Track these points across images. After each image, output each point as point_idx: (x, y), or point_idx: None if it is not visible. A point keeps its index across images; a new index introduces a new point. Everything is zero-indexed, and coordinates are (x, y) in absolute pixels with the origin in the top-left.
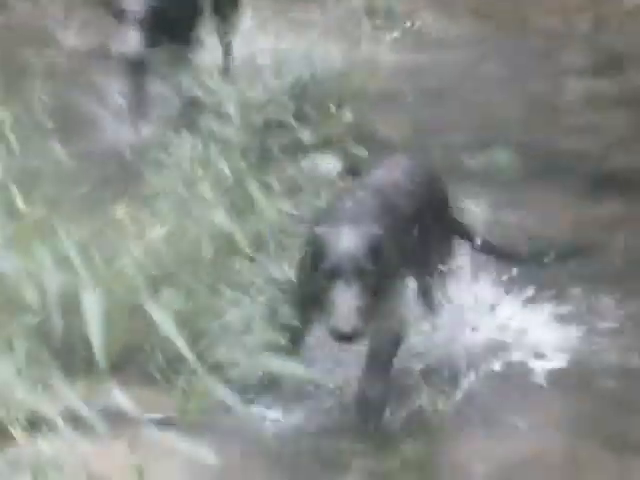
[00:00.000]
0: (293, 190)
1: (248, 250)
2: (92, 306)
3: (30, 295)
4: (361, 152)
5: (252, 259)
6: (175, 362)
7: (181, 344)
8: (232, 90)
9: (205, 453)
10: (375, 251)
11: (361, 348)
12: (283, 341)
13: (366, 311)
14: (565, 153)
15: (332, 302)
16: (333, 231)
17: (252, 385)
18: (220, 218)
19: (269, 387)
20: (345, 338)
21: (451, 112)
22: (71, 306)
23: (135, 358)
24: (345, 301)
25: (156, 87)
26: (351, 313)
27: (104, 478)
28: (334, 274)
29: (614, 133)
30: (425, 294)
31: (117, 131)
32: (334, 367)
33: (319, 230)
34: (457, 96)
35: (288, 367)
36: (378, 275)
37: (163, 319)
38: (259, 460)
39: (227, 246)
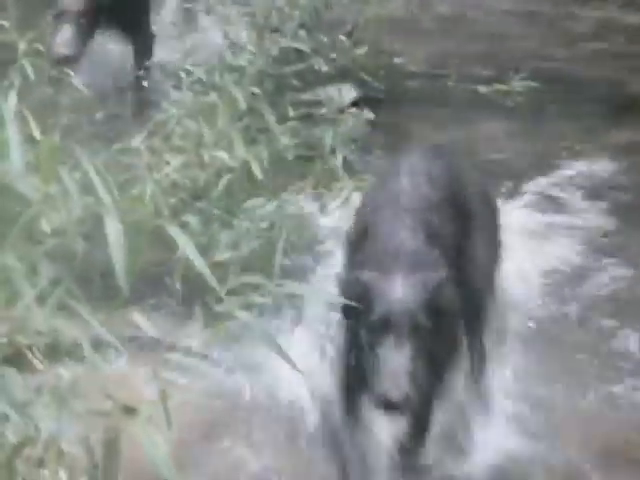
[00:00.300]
0: (308, 118)
1: (264, 179)
2: (114, 230)
3: (52, 220)
4: (376, 82)
5: (268, 187)
6: (196, 288)
7: (203, 268)
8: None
9: (227, 377)
10: (435, 302)
11: None
12: None
13: (419, 376)
14: (582, 81)
15: (380, 362)
16: (382, 275)
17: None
18: (236, 147)
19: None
20: (393, 408)
21: (466, 40)
22: (93, 232)
23: (156, 285)
24: (396, 363)
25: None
26: (402, 378)
27: (126, 404)
28: (383, 328)
29: (631, 61)
30: (476, 351)
31: (131, 60)
32: None
33: (364, 274)
34: (473, 24)
35: (308, 290)
36: (436, 332)
37: (185, 243)
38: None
39: (243, 174)
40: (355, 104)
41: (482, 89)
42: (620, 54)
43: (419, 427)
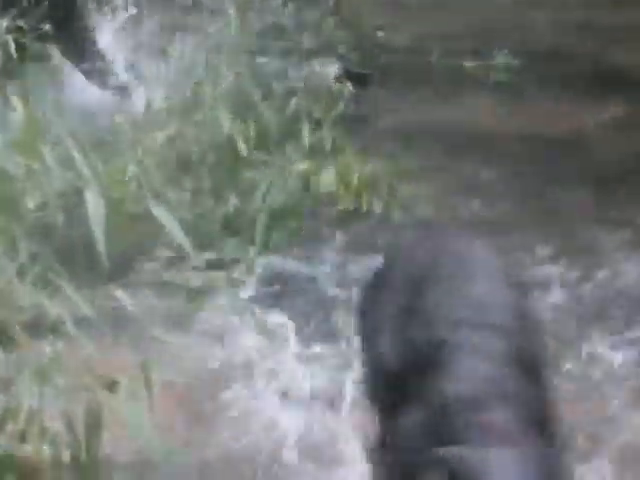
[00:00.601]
0: (293, 94)
1: (249, 154)
2: (95, 206)
3: (33, 195)
4: (360, 57)
5: (254, 163)
6: (178, 264)
7: (185, 243)
8: None
9: (210, 350)
10: None
11: None
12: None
13: None
14: (566, 54)
15: None
16: (473, 451)
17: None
18: (221, 122)
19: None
20: None
21: (450, 15)
22: (74, 208)
23: (139, 260)
24: None
25: None
26: None
27: (109, 378)
28: None
29: (614, 33)
30: None
31: (115, 35)
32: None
33: (454, 451)
34: (457, 1)
35: (290, 265)
36: None
37: (167, 218)
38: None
39: (229, 150)
40: (338, 79)
41: (466, 64)
42: (604, 26)
43: None
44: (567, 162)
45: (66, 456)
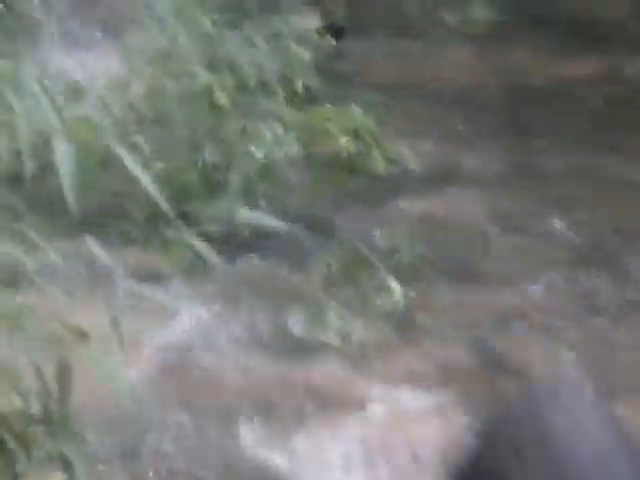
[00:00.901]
0: (273, 45)
1: (228, 106)
2: (63, 154)
3: (2, 144)
4: (340, 9)
5: (232, 115)
6: (153, 219)
7: (157, 195)
8: None
9: (182, 305)
10: None
11: None
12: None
13: None
14: (544, 7)
15: None
16: None
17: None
18: (199, 73)
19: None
20: None
21: None
22: (44, 158)
23: (113, 216)
24: None
25: None
26: None
27: (79, 328)
28: None
29: None
30: None
31: None
32: None
33: None
34: None
35: (265, 220)
36: None
37: (139, 170)
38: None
39: (208, 103)
40: (318, 32)
41: (445, 15)
42: None
43: None
44: (544, 113)
45: (37, 407)
